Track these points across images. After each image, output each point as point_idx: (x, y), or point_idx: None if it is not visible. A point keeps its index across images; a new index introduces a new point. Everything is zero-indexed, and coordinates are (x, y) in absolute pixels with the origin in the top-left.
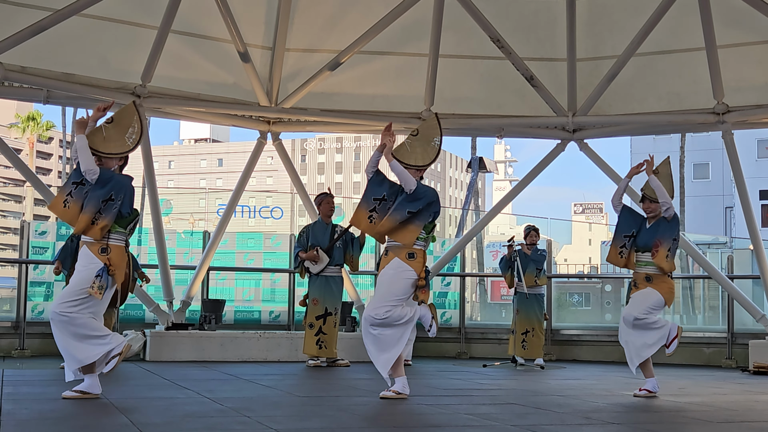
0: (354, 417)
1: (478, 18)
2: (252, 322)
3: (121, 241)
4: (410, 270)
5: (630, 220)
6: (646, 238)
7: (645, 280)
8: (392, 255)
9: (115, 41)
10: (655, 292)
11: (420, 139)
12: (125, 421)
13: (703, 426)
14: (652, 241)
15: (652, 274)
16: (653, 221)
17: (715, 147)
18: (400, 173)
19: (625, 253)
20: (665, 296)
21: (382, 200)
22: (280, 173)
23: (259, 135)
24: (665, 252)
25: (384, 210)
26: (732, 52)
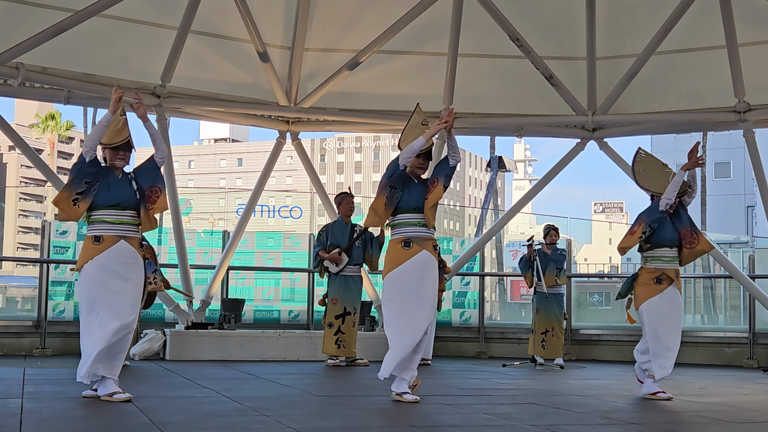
0: (373, 416)
1: (497, 17)
2: (271, 321)
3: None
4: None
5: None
6: (674, 233)
7: (676, 277)
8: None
9: (135, 41)
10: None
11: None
12: (145, 420)
13: (724, 426)
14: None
15: (677, 271)
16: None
17: (736, 146)
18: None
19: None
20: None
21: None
22: (299, 173)
23: (279, 135)
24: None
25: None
26: (753, 50)
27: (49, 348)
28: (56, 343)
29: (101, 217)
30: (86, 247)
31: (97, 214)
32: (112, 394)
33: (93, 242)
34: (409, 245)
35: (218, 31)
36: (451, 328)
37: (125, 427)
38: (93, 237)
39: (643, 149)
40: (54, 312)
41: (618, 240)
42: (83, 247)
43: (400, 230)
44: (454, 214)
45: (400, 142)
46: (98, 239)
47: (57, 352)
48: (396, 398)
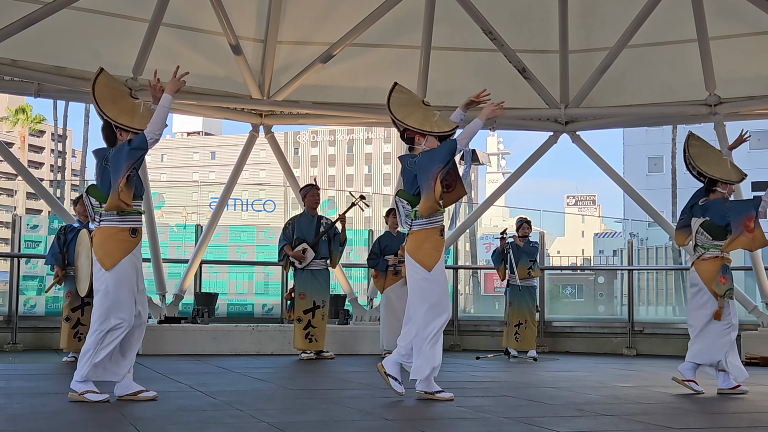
0: (347, 410)
1: (471, 10)
2: (245, 315)
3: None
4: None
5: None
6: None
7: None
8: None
9: (107, 34)
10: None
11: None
12: (117, 415)
13: (695, 416)
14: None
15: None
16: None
17: (707, 138)
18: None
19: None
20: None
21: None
22: (272, 166)
23: (252, 128)
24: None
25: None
26: (724, 43)
27: (21, 343)
28: (27, 338)
29: (137, 208)
30: (121, 239)
31: (135, 204)
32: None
33: (130, 235)
34: (443, 234)
35: (190, 24)
36: None
37: (98, 423)
38: (131, 229)
39: (694, 134)
40: (25, 307)
41: (590, 232)
42: (115, 239)
43: (435, 219)
44: None
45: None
46: (135, 232)
47: (28, 348)
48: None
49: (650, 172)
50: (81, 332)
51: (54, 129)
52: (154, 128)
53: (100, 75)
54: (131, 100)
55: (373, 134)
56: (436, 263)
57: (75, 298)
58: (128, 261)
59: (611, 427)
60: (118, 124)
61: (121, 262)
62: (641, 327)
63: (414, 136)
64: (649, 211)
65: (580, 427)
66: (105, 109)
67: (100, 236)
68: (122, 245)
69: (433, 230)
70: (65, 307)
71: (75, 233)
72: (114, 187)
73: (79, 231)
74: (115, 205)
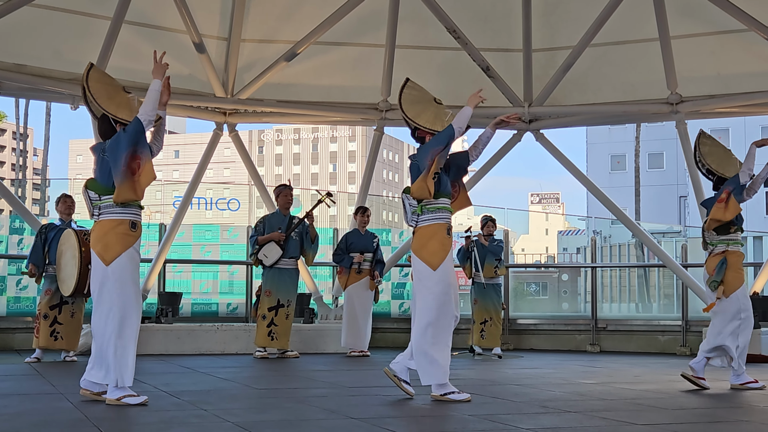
0: (312, 409)
1: (435, 9)
2: (209, 314)
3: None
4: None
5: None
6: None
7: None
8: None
9: (68, 32)
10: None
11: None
12: (80, 416)
13: (658, 413)
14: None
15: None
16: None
17: (669, 137)
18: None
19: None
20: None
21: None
22: (237, 165)
23: (216, 126)
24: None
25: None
26: (685, 42)
27: None
28: None
29: (137, 201)
30: (121, 233)
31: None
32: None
33: (130, 228)
34: (450, 233)
35: (153, 22)
36: (390, 319)
37: (60, 424)
38: (131, 222)
39: (705, 132)
40: None
41: (554, 230)
42: (115, 233)
43: (442, 215)
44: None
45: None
46: (134, 226)
47: None
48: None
49: (613, 170)
50: (58, 330)
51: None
52: (147, 110)
53: (91, 70)
54: (125, 95)
55: (338, 132)
56: (441, 262)
57: (54, 296)
58: (128, 256)
59: (575, 424)
60: (119, 119)
61: (120, 256)
62: (604, 324)
63: (425, 135)
64: (612, 208)
65: (544, 423)
66: (103, 104)
67: (99, 230)
68: (122, 239)
69: (439, 226)
70: (43, 304)
71: (57, 232)
72: (119, 177)
73: (62, 230)
74: (124, 196)
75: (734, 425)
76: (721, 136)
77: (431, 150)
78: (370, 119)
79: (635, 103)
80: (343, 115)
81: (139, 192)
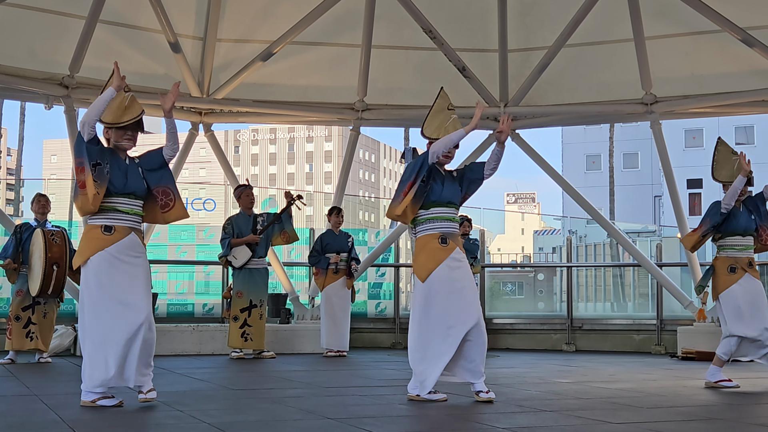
0: (288, 409)
1: (411, 9)
2: (185, 315)
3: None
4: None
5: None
6: (747, 221)
7: (749, 266)
8: (454, 244)
9: (42, 31)
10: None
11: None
12: (55, 417)
13: (633, 411)
14: (753, 223)
15: (752, 259)
16: (740, 203)
17: (643, 137)
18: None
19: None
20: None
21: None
22: (213, 165)
23: (191, 126)
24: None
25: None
26: (659, 43)
27: None
28: None
29: (113, 205)
30: (92, 238)
31: (108, 201)
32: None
33: (103, 232)
34: (446, 242)
35: (128, 21)
36: (367, 319)
37: (35, 426)
38: (103, 226)
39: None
40: None
41: (530, 230)
42: (86, 238)
43: (433, 225)
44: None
45: (423, 129)
46: (109, 229)
47: None
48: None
49: (588, 170)
50: (33, 331)
51: None
52: (88, 115)
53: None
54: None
55: (315, 132)
56: (429, 274)
57: (26, 298)
58: (100, 258)
59: (551, 423)
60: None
61: (90, 259)
62: (580, 323)
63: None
64: (588, 208)
65: (520, 423)
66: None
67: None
68: (91, 243)
69: (430, 237)
70: (15, 306)
71: (31, 232)
72: (74, 190)
73: (34, 230)
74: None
75: (708, 423)
76: (695, 136)
77: (404, 182)
78: (346, 119)
79: (610, 104)
80: (320, 115)
81: (93, 204)
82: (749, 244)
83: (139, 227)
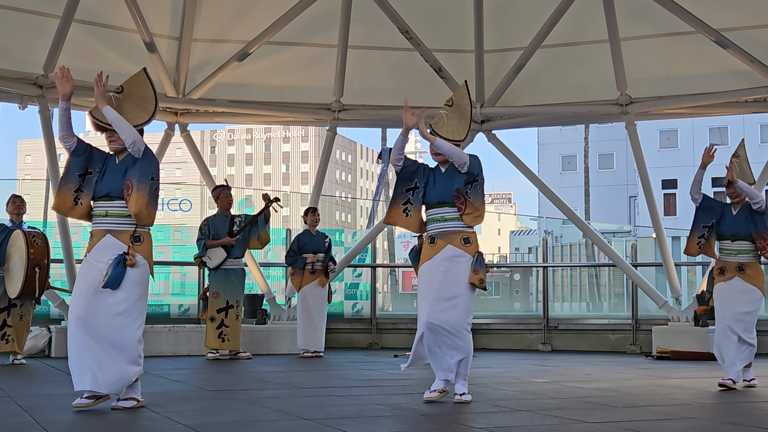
0: (264, 410)
1: (387, 9)
2: (161, 315)
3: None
4: (470, 258)
5: (710, 209)
6: (736, 225)
7: (738, 270)
8: (443, 243)
9: (16, 30)
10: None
11: (455, 111)
12: (29, 419)
13: (608, 411)
14: (745, 228)
15: (744, 263)
16: (739, 206)
17: (619, 137)
18: (449, 150)
19: (703, 243)
20: (761, 288)
21: (414, 189)
22: (188, 165)
23: (167, 126)
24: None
25: (418, 199)
26: (634, 44)
27: None
28: None
29: (94, 211)
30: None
31: (93, 206)
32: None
33: (90, 239)
34: (434, 241)
35: (103, 21)
36: (343, 319)
37: (8, 428)
38: (91, 233)
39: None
40: None
41: (506, 230)
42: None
43: (428, 226)
44: (346, 206)
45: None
46: (92, 235)
47: None
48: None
49: (564, 171)
50: (9, 333)
51: None
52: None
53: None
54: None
55: (291, 133)
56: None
57: (2, 299)
58: (84, 263)
59: (527, 422)
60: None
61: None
62: (556, 323)
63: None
64: (563, 208)
65: (496, 422)
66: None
67: None
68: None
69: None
70: None
71: (7, 234)
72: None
73: (12, 231)
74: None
75: (683, 422)
76: (669, 137)
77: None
78: (322, 119)
79: (586, 104)
80: (296, 115)
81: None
82: (741, 249)
83: (122, 228)
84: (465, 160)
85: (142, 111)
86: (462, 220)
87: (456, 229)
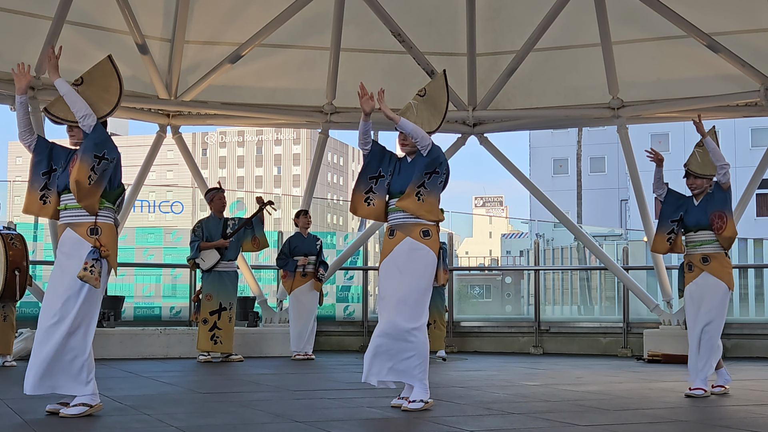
0: (256, 413)
1: (380, 12)
2: (152, 318)
3: (110, 218)
4: (430, 251)
5: (675, 203)
6: (698, 215)
7: (702, 262)
8: (402, 235)
9: (8, 32)
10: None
11: (427, 101)
12: (19, 421)
13: (600, 414)
14: (707, 217)
15: (709, 254)
16: (701, 197)
17: (610, 141)
18: (413, 130)
19: (673, 239)
20: (728, 282)
21: (378, 177)
22: (180, 167)
23: (159, 128)
24: (733, 222)
25: (382, 188)
26: (626, 48)
27: None
28: None
29: (59, 206)
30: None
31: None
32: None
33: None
34: (393, 233)
35: (96, 22)
36: (335, 322)
37: None
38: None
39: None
40: None
41: (497, 233)
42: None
43: (389, 217)
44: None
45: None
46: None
47: None
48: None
49: (555, 174)
50: None
51: None
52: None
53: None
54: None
55: (282, 135)
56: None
57: None
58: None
59: (518, 425)
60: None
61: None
62: (547, 326)
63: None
64: (555, 212)
65: (488, 425)
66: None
67: None
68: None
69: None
70: None
71: None
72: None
73: None
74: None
75: (674, 425)
76: (661, 140)
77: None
78: (314, 122)
79: (577, 108)
80: (288, 117)
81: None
82: (704, 240)
83: (79, 220)
84: (429, 142)
85: (103, 103)
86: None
87: (415, 221)
